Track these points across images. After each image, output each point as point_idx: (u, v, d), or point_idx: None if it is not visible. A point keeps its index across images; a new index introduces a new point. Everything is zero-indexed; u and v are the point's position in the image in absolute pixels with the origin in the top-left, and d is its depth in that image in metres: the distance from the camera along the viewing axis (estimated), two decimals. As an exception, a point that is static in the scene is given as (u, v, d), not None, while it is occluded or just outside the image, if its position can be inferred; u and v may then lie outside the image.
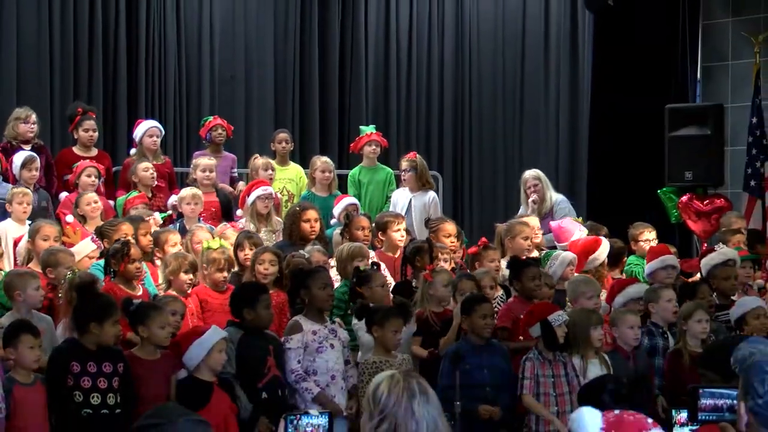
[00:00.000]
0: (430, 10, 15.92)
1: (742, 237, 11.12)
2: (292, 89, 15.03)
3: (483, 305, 8.22)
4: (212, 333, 7.40)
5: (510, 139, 16.13)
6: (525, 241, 10.17)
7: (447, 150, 15.98)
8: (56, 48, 13.25)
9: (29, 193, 9.77)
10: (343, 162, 13.78)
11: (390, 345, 8.07)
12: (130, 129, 11.90)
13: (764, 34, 13.35)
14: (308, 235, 9.90)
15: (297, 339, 8.00)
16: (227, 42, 14.56)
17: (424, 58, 15.93)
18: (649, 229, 11.16)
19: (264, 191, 10.48)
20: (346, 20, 15.44)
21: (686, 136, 13.15)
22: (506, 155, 16.02)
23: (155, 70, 13.99)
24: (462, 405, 7.75)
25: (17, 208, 9.66)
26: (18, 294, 7.67)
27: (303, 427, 4.10)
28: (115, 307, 7.24)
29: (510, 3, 16.15)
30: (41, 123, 11.09)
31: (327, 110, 15.28)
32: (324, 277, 8.34)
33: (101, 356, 7.10)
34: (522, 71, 16.15)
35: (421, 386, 3.98)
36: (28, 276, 7.85)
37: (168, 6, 14.06)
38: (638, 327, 8.62)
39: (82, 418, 7.00)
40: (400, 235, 10.06)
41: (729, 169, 13.39)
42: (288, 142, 12.06)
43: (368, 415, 3.97)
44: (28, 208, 9.71)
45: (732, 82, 13.87)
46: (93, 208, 9.87)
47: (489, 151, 16.07)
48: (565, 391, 8.13)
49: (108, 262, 8.43)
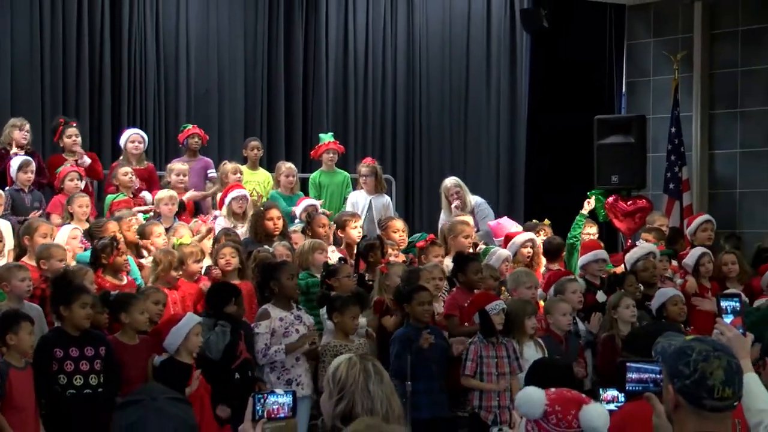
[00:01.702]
0: (384, 30, 15.95)
1: (661, 234, 11.21)
2: (260, 101, 15.02)
3: (421, 293, 8.27)
4: (188, 319, 7.45)
5: (456, 147, 16.15)
6: (466, 239, 10.23)
7: (400, 156, 16.00)
8: (47, 65, 13.18)
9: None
10: (306, 166, 13.77)
11: (348, 330, 8.11)
12: (113, 137, 11.82)
13: (682, 53, 13.42)
14: (272, 231, 9.95)
15: (265, 325, 8.07)
16: (202, 59, 14.52)
17: (379, 74, 15.95)
18: (590, 224, 11.22)
19: (238, 193, 10.54)
20: (308, 40, 15.44)
21: (613, 143, 13.20)
22: (453, 161, 16.03)
23: (136, 85, 13.92)
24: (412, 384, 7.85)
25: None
26: (5, 285, 7.62)
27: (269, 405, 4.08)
28: (82, 291, 7.24)
29: (456, 23, 16.15)
30: (33, 132, 11.01)
31: (291, 120, 15.26)
32: (291, 269, 8.43)
33: (83, 341, 7.11)
34: (467, 85, 16.17)
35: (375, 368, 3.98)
36: (15, 268, 7.80)
37: (148, 27, 14.00)
38: (570, 314, 8.69)
39: (67, 398, 7.01)
40: (357, 232, 10.24)
41: (650, 174, 13.44)
42: (259, 149, 12.08)
43: (328, 394, 3.97)
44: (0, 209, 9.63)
45: (653, 96, 13.95)
46: (84, 211, 9.79)
47: (437, 158, 16.09)
48: (506, 371, 8.19)
49: (97, 256, 8.41)
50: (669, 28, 13.79)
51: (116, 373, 7.17)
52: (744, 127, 13.23)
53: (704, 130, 13.52)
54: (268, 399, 4.07)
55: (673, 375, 3.43)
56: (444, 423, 8.28)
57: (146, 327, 7.47)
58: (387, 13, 15.97)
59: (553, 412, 3.08)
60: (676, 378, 3.42)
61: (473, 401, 8.21)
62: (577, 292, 9.08)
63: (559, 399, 3.12)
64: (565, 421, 3.07)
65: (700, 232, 11.04)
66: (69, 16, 13.37)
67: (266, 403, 4.06)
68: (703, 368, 3.39)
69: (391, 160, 15.65)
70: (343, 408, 3.88)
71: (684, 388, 3.40)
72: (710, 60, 13.53)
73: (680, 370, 3.42)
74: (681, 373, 3.42)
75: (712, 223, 11.20)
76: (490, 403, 8.15)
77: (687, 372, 3.40)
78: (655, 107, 13.80)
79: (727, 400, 3.38)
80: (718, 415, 3.41)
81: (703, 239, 10.95)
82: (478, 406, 8.17)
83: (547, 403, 3.10)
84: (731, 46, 13.34)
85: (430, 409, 8.11)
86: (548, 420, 3.09)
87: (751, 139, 13.16)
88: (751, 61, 13.15)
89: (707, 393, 3.38)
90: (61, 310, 7.12)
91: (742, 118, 13.26)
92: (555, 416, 3.08)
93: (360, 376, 3.92)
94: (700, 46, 13.47)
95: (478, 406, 8.17)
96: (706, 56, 13.50)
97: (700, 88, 13.50)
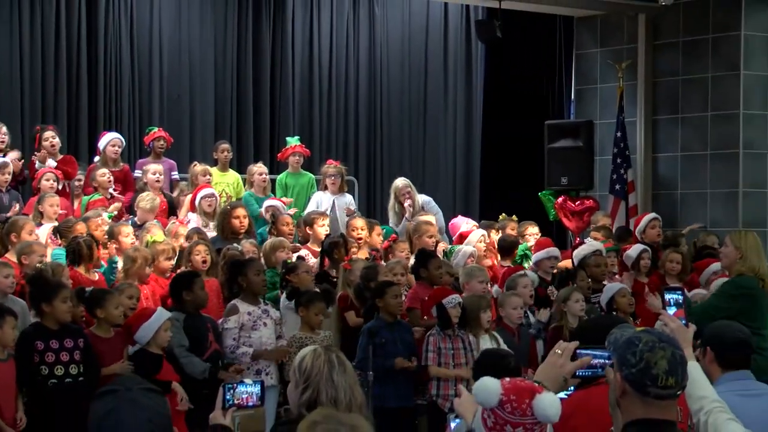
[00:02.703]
0: (347, 40, 15.93)
1: (608, 232, 11.27)
2: (230, 106, 14.98)
3: (393, 288, 8.31)
4: (159, 315, 7.42)
5: (415, 150, 16.22)
6: (430, 238, 10.26)
7: (362, 159, 16.00)
8: (26, 71, 13.17)
9: None
10: (273, 168, 13.72)
11: (314, 323, 8.10)
12: (90, 140, 11.74)
13: (626, 62, 13.48)
14: (238, 229, 9.92)
15: (233, 320, 8.03)
16: (174, 65, 14.48)
17: (342, 81, 15.94)
18: (532, 225, 11.31)
19: (206, 192, 10.50)
20: (275, 49, 15.40)
21: (562, 147, 13.25)
22: (412, 164, 16.11)
23: (112, 89, 13.88)
24: (374, 374, 7.84)
25: None
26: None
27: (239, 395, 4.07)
28: (62, 287, 7.22)
29: (415, 34, 16.21)
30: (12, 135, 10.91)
31: (259, 124, 15.23)
32: (258, 266, 8.42)
33: (62, 334, 7.09)
34: (425, 91, 16.26)
35: (339, 359, 3.98)
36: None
37: (123, 34, 13.96)
38: (521, 308, 8.71)
39: (49, 388, 6.99)
40: (324, 230, 10.21)
41: (597, 175, 13.51)
42: (228, 152, 12.02)
43: (294, 383, 3.96)
44: None
45: (600, 103, 14.00)
46: (54, 210, 9.68)
47: (397, 160, 16.12)
48: (463, 362, 8.21)
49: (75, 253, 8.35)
50: (614, 39, 13.85)
51: (95, 364, 7.15)
52: (684, 132, 13.31)
53: (648, 135, 13.59)
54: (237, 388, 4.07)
55: (621, 363, 3.47)
56: (407, 412, 8.31)
57: (120, 321, 7.43)
58: (350, 24, 15.97)
59: (509, 401, 3.07)
60: (624, 366, 3.46)
61: (431, 390, 8.23)
62: (528, 286, 9.09)
63: (514, 388, 3.11)
64: (520, 409, 3.07)
65: (649, 229, 11.10)
66: (47, 23, 13.37)
67: (236, 392, 4.05)
68: (648, 358, 3.42)
69: (354, 163, 15.62)
70: (308, 397, 3.87)
71: (630, 376, 3.43)
72: (653, 69, 13.60)
73: (627, 359, 3.45)
74: (628, 362, 3.45)
75: (659, 221, 11.27)
76: (447, 392, 8.18)
77: (633, 361, 3.43)
78: (601, 113, 13.85)
79: (670, 388, 3.40)
80: (662, 403, 3.43)
81: (653, 236, 11.02)
82: (435, 394, 8.19)
83: (503, 392, 3.10)
84: (673, 56, 13.42)
85: (395, 399, 8.13)
86: (504, 408, 3.08)
87: (691, 144, 13.26)
88: (691, 70, 13.24)
89: (651, 381, 3.40)
90: (43, 307, 7.08)
91: (683, 123, 13.35)
92: (510, 405, 3.07)
93: (324, 367, 3.91)
94: (644, 56, 13.53)
95: (435, 395, 8.19)
96: (650, 65, 13.57)
97: (643, 96, 13.56)
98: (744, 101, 12.81)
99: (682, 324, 4.24)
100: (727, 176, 12.93)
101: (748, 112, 12.85)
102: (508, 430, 3.07)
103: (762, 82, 12.92)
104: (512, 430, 3.07)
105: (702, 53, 13.11)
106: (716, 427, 3.91)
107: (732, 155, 12.88)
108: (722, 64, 12.95)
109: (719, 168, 12.99)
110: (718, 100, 12.98)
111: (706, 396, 4.01)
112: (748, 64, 12.85)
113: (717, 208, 12.99)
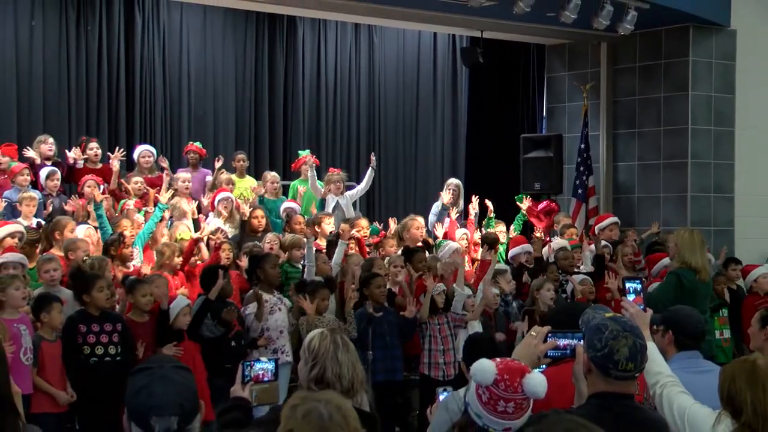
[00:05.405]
0: (350, 64, 15.97)
1: (574, 230, 11.28)
2: (248, 122, 14.99)
3: (377, 279, 8.27)
4: (178, 301, 7.53)
5: (408, 160, 16.30)
6: (417, 230, 10.24)
7: (362, 167, 15.96)
8: (72, 90, 13.16)
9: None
10: (287, 175, 13.71)
11: (321, 308, 8.06)
12: (128, 151, 11.69)
13: (590, 84, 13.46)
14: (256, 228, 9.93)
15: (253, 305, 8.02)
16: (200, 88, 14.49)
17: (345, 100, 15.98)
18: (501, 224, 11.31)
19: (222, 196, 10.40)
20: (288, 73, 15.42)
21: (535, 157, 13.25)
22: (406, 172, 16.21)
23: (146, 107, 13.88)
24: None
25: (25, 209, 9.22)
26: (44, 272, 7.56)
27: (256, 371, 4.07)
28: (98, 278, 7.21)
29: (408, 59, 16.28)
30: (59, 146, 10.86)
31: (274, 136, 15.25)
32: (274, 260, 8.41)
33: (103, 319, 7.11)
34: (417, 108, 16.33)
35: (343, 340, 3.96)
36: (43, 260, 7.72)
37: (156, 60, 13.98)
38: (499, 296, 8.72)
39: (91, 365, 7.01)
40: (330, 227, 10.15)
41: (566, 181, 13.49)
42: (245, 160, 11.97)
43: (303, 361, 3.94)
44: (35, 209, 9.27)
45: (568, 119, 13.99)
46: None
47: (393, 168, 16.19)
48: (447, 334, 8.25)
49: (107, 249, 8.32)
50: (580, 64, 13.84)
51: (131, 345, 7.16)
52: (641, 144, 13.29)
53: (609, 147, 13.57)
54: (254, 365, 4.05)
55: (589, 346, 3.48)
56: (397, 385, 8.29)
57: (147, 308, 7.42)
58: (352, 51, 16.04)
59: (502, 380, 3.06)
60: (591, 349, 3.47)
61: (423, 360, 8.22)
62: (512, 281, 9.20)
63: (506, 368, 3.11)
64: (512, 387, 3.06)
65: (608, 231, 11.12)
66: (90, 51, 13.40)
67: (253, 369, 4.04)
68: (611, 345, 3.43)
69: (355, 171, 15.62)
70: (316, 373, 3.85)
71: (595, 359, 3.45)
72: (614, 90, 13.58)
73: (594, 344, 3.46)
74: (594, 346, 3.46)
75: (618, 224, 11.37)
76: (437, 360, 8.16)
77: (599, 346, 3.44)
78: (569, 128, 13.84)
79: (629, 372, 3.43)
80: (622, 382, 3.45)
81: (609, 236, 11.03)
82: (427, 363, 8.17)
83: (497, 372, 3.08)
84: (630, 79, 13.40)
85: (385, 374, 8.11)
86: (498, 386, 3.07)
87: (647, 154, 13.24)
88: (646, 90, 13.22)
89: (613, 365, 3.42)
90: (83, 296, 7.12)
91: (639, 137, 13.33)
92: (503, 383, 3.06)
93: (330, 347, 3.89)
94: (606, 78, 13.51)
95: (427, 364, 8.17)
96: (611, 87, 13.55)
97: (605, 113, 13.54)
98: (692, 118, 12.80)
99: (640, 309, 4.23)
100: (677, 182, 12.91)
101: (695, 127, 12.83)
102: (501, 405, 3.07)
103: (707, 101, 12.91)
104: (505, 405, 3.07)
105: (655, 76, 13.10)
106: (670, 398, 3.91)
107: (681, 164, 12.86)
108: (673, 85, 12.94)
109: (670, 175, 12.97)
110: (670, 116, 12.96)
111: (661, 372, 4.01)
112: (695, 85, 12.83)
113: (669, 210, 12.98)
